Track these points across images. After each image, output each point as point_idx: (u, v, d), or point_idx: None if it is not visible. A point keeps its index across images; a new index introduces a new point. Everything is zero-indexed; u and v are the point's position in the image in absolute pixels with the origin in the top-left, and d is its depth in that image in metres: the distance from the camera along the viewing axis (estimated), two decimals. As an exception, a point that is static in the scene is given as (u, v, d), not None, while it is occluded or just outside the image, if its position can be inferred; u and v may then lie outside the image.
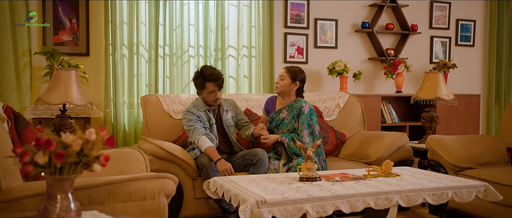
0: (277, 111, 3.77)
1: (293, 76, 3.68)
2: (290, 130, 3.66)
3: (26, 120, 2.36)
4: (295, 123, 3.66)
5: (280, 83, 3.70)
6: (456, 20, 6.16)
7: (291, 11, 5.42)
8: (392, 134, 4.10)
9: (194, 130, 3.60)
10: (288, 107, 3.71)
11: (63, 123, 3.51)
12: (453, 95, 4.59)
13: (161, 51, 4.83)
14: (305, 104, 3.68)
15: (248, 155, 3.63)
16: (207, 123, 3.70)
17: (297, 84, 3.71)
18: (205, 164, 3.44)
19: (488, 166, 3.68)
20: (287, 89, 3.70)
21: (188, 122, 3.65)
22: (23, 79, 4.40)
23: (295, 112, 3.67)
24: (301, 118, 3.63)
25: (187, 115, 3.68)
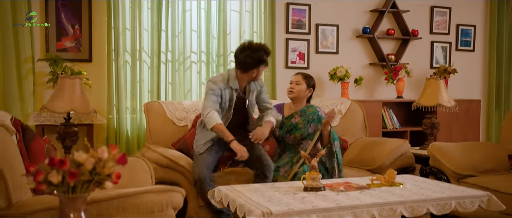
0: (288, 116, 3.78)
1: (309, 83, 3.77)
2: (303, 135, 3.67)
3: (33, 132, 2.38)
4: (310, 128, 3.67)
5: (296, 88, 3.73)
6: (456, 25, 6.19)
7: (293, 17, 5.44)
8: (394, 141, 4.13)
9: (212, 101, 3.41)
10: (301, 113, 3.74)
11: (67, 131, 3.52)
12: (454, 102, 4.62)
13: (164, 57, 4.85)
14: (319, 109, 3.76)
15: (255, 159, 3.49)
16: (227, 103, 3.50)
17: (311, 91, 3.79)
18: (200, 176, 3.32)
19: (489, 173, 3.71)
20: (302, 95, 3.75)
21: (211, 90, 3.44)
22: (25, 86, 4.41)
23: (310, 117, 3.70)
24: (322, 121, 3.67)
25: (211, 85, 3.46)
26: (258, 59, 3.37)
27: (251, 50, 3.37)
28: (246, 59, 3.37)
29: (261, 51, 3.38)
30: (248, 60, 3.37)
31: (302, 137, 3.67)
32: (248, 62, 3.37)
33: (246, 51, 3.38)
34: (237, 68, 3.46)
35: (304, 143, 3.67)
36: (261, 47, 3.40)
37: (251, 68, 3.41)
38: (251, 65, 3.39)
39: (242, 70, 3.44)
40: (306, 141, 3.67)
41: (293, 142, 3.73)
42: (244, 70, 3.43)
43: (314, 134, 3.65)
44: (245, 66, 3.40)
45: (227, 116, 3.51)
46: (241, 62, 3.40)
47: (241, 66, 3.42)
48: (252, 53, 3.36)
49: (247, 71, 3.42)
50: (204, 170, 3.35)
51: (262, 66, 3.44)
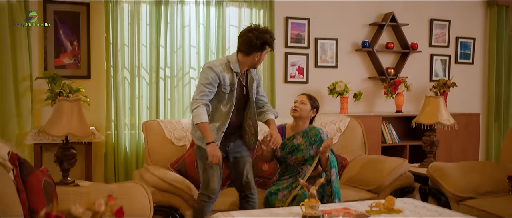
0: (290, 137, 3.76)
1: (313, 104, 3.75)
2: (305, 157, 3.65)
3: (31, 166, 2.37)
4: (312, 149, 3.66)
5: (300, 108, 3.71)
6: (455, 38, 6.18)
7: (292, 31, 5.43)
8: (393, 160, 4.12)
9: (203, 94, 3.20)
10: (303, 134, 3.72)
11: (65, 154, 3.51)
12: (453, 120, 4.61)
13: (162, 73, 4.84)
14: (321, 131, 3.74)
15: (241, 177, 3.44)
16: (228, 88, 3.25)
17: (314, 112, 3.77)
18: (199, 207, 3.34)
19: (489, 195, 3.70)
20: (306, 115, 3.72)
21: (205, 80, 3.21)
22: (23, 104, 4.40)
23: (312, 138, 3.68)
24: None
25: (209, 72, 3.21)
26: (264, 41, 3.20)
27: (258, 31, 3.20)
28: (252, 39, 3.18)
29: (267, 33, 3.23)
30: (254, 41, 3.17)
31: (303, 159, 3.66)
32: (254, 43, 3.18)
33: (252, 32, 3.21)
34: (239, 51, 3.28)
35: (304, 168, 3.65)
36: (267, 30, 3.25)
37: (255, 50, 3.22)
38: (256, 47, 3.20)
39: (245, 53, 3.24)
40: (305, 166, 3.65)
41: (294, 163, 3.71)
42: (247, 52, 3.23)
43: (315, 157, 3.63)
44: (249, 48, 3.21)
45: (230, 103, 3.27)
46: (245, 43, 3.20)
47: (245, 48, 3.22)
48: (259, 33, 3.20)
49: (250, 54, 3.23)
50: (217, 187, 3.32)
51: (266, 51, 3.28)
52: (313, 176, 3.61)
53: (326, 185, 3.48)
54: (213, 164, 3.21)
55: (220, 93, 3.25)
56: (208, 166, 3.27)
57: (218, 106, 3.28)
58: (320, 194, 3.50)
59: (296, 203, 3.37)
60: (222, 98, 3.27)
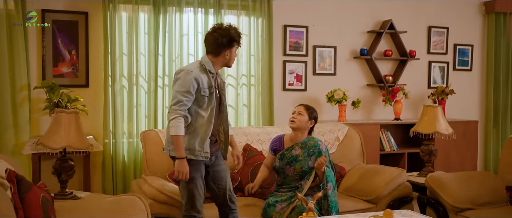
0: (288, 148, 3.75)
1: (311, 115, 3.74)
2: (303, 168, 3.64)
3: (29, 182, 2.36)
4: (310, 161, 3.65)
5: (298, 119, 3.71)
6: (453, 45, 6.19)
7: (290, 39, 5.44)
8: (392, 170, 4.12)
9: (181, 104, 3.07)
10: (301, 144, 3.72)
11: (63, 166, 3.51)
12: (452, 130, 4.61)
13: (161, 82, 4.83)
14: (320, 142, 3.74)
15: (224, 185, 3.34)
16: (207, 90, 3.14)
17: (312, 123, 3.76)
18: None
19: (487, 206, 3.70)
20: (304, 126, 3.71)
21: (182, 88, 3.07)
22: (21, 114, 4.39)
23: (311, 150, 3.68)
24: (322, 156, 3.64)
25: (186, 77, 3.08)
26: (230, 38, 3.15)
27: (222, 29, 3.17)
28: (217, 38, 3.14)
29: (232, 30, 3.18)
30: (220, 39, 3.13)
31: (302, 169, 3.65)
32: (220, 42, 3.13)
33: (217, 31, 3.17)
34: (208, 53, 3.22)
35: (302, 183, 3.64)
36: (231, 27, 3.20)
37: (223, 48, 3.17)
38: (223, 45, 3.15)
39: (214, 54, 3.19)
40: (304, 181, 3.64)
41: (292, 174, 3.70)
42: (216, 52, 3.18)
43: (312, 169, 3.63)
44: (217, 47, 3.16)
45: (211, 106, 3.17)
46: (212, 43, 3.16)
47: (212, 48, 3.18)
48: (223, 31, 3.15)
49: (220, 53, 3.18)
50: (202, 205, 3.25)
51: (234, 47, 3.22)
52: (312, 187, 3.61)
53: (322, 199, 3.48)
54: (178, 180, 3.13)
55: (199, 97, 3.14)
56: (190, 182, 3.15)
57: (198, 112, 3.16)
58: (316, 207, 3.49)
59: (295, 214, 3.37)
60: (202, 102, 3.15)
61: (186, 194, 3.19)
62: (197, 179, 3.19)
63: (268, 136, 4.44)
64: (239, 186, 4.11)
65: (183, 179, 3.10)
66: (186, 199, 3.20)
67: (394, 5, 5.83)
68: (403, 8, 5.88)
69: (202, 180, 3.23)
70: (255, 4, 5.11)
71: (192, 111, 3.14)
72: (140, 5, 4.74)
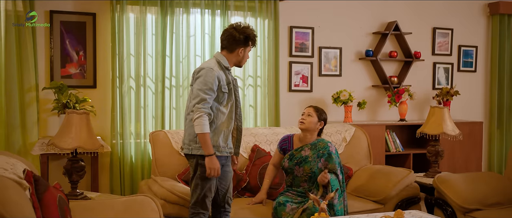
0: (297, 148, 3.76)
1: (320, 116, 3.75)
2: (313, 169, 3.66)
3: (46, 183, 2.38)
4: (320, 163, 3.66)
5: (307, 120, 3.71)
6: (458, 46, 6.21)
7: (296, 40, 5.46)
8: (400, 171, 4.14)
9: (204, 102, 3.09)
10: (311, 146, 3.72)
11: (74, 166, 3.52)
12: (458, 131, 4.64)
13: (168, 83, 4.85)
14: (330, 144, 3.74)
15: (227, 185, 3.38)
16: (226, 87, 3.20)
17: (322, 124, 3.77)
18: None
19: (495, 206, 3.72)
20: (313, 127, 3.72)
21: (205, 86, 3.10)
22: (29, 115, 4.40)
23: (320, 151, 3.68)
24: (332, 158, 3.66)
25: (210, 74, 3.12)
26: (247, 35, 3.22)
27: (238, 27, 3.24)
28: (234, 34, 3.20)
29: (249, 29, 3.25)
30: (237, 35, 3.19)
31: (311, 171, 3.66)
32: (237, 38, 3.19)
33: (234, 28, 3.24)
34: (222, 49, 3.29)
35: (311, 194, 3.59)
36: (250, 27, 3.28)
37: (239, 45, 3.22)
38: (239, 42, 3.21)
39: (229, 50, 3.25)
40: (314, 192, 3.61)
41: (301, 174, 3.71)
42: (231, 49, 3.23)
43: (321, 171, 3.64)
44: (233, 43, 3.21)
45: (231, 102, 3.23)
46: (229, 39, 3.22)
47: (228, 44, 3.23)
48: (241, 29, 3.23)
49: (234, 50, 3.23)
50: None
51: (249, 47, 3.29)
52: (324, 185, 3.60)
53: (328, 208, 3.47)
54: (210, 176, 3.15)
55: (219, 94, 3.18)
56: (207, 181, 3.18)
57: (219, 108, 3.19)
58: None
59: (305, 216, 3.39)
60: (222, 99, 3.20)
61: (199, 192, 3.20)
62: (213, 179, 3.21)
63: (276, 137, 4.46)
64: (248, 187, 4.13)
65: (215, 175, 3.14)
66: (197, 197, 3.21)
67: (399, 6, 5.86)
68: (408, 10, 5.91)
69: (217, 180, 3.26)
70: (262, 6, 5.13)
71: (213, 108, 3.18)
72: (147, 6, 4.76)
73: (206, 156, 3.12)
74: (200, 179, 3.19)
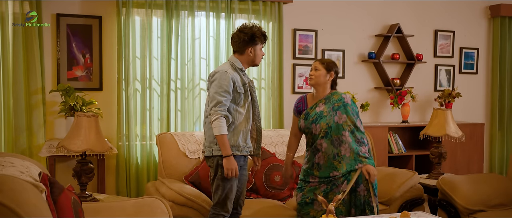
0: (312, 106, 3.54)
1: (328, 67, 3.52)
2: (329, 124, 3.42)
3: (60, 185, 2.42)
4: (336, 116, 3.43)
5: (315, 75, 3.50)
6: (459, 48, 6.27)
7: (300, 43, 5.51)
8: (404, 173, 4.19)
9: (221, 105, 3.18)
10: (325, 100, 3.50)
11: (83, 168, 3.57)
12: (461, 132, 4.69)
13: (173, 85, 4.89)
14: (345, 95, 3.53)
15: (242, 189, 3.42)
16: (242, 88, 3.28)
17: (332, 75, 3.53)
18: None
19: (499, 208, 3.78)
20: (323, 81, 3.50)
21: (220, 88, 3.19)
22: (35, 118, 4.44)
23: (335, 104, 3.46)
24: (347, 109, 3.45)
25: (225, 77, 3.21)
26: (252, 35, 3.29)
27: (245, 28, 3.32)
28: (241, 36, 3.29)
29: (254, 28, 3.33)
30: (243, 37, 3.28)
31: (327, 126, 3.42)
32: (243, 39, 3.29)
33: (240, 31, 3.34)
34: (234, 53, 3.38)
35: (341, 186, 3.43)
36: (255, 25, 3.35)
37: (247, 45, 3.30)
38: (246, 42, 3.29)
39: (239, 52, 3.34)
40: (344, 184, 3.41)
41: (319, 132, 3.46)
42: (241, 50, 3.33)
43: (339, 126, 3.43)
44: (241, 45, 3.31)
45: (247, 102, 3.31)
46: (236, 42, 3.32)
47: (237, 47, 3.33)
48: (246, 29, 3.31)
49: (244, 51, 3.32)
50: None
51: (259, 45, 3.35)
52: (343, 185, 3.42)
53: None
54: (229, 177, 3.20)
55: (235, 95, 3.25)
56: (227, 182, 3.23)
57: (237, 109, 3.27)
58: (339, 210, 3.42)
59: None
60: (239, 100, 3.27)
61: (220, 193, 3.25)
62: (234, 179, 3.27)
63: (280, 139, 4.51)
64: (254, 188, 4.18)
65: (233, 176, 3.19)
66: (218, 198, 3.26)
67: (401, 9, 5.91)
68: (410, 12, 5.96)
69: (235, 181, 3.30)
70: (266, 8, 5.18)
71: (231, 109, 3.25)
72: (153, 9, 4.80)
73: (224, 157, 3.18)
74: (221, 180, 3.24)
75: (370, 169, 3.37)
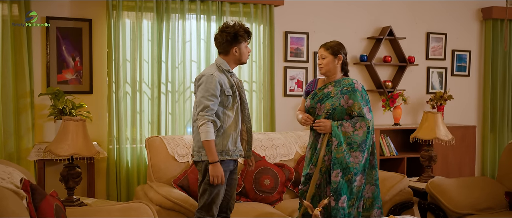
0: (321, 87, 3.50)
1: (334, 51, 3.44)
2: (334, 105, 3.37)
3: (42, 191, 2.41)
4: (342, 99, 3.38)
5: (324, 62, 3.43)
6: (452, 50, 6.27)
7: (291, 45, 5.50)
8: (393, 177, 4.19)
9: (208, 110, 3.12)
10: (335, 83, 3.44)
11: (71, 173, 3.55)
12: (451, 136, 4.69)
13: (164, 88, 4.88)
14: (356, 81, 3.46)
15: (232, 193, 3.38)
16: (230, 90, 3.23)
17: (340, 58, 3.45)
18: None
19: (487, 211, 3.78)
20: (332, 67, 3.43)
21: (207, 92, 3.13)
22: (23, 121, 4.42)
23: (344, 88, 3.40)
24: (356, 95, 3.38)
25: (211, 80, 3.15)
26: (235, 34, 3.22)
27: (227, 27, 3.25)
28: (223, 37, 3.23)
29: (237, 26, 3.26)
30: (225, 37, 3.22)
31: (332, 107, 3.38)
32: (226, 39, 3.22)
33: (222, 31, 3.26)
34: (219, 54, 3.32)
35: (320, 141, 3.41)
36: (237, 23, 3.28)
37: (231, 45, 3.24)
38: (229, 42, 3.23)
39: (224, 53, 3.28)
40: (321, 139, 3.41)
41: (323, 112, 3.42)
42: (226, 51, 3.27)
43: (344, 110, 3.39)
44: (225, 45, 3.25)
45: (236, 104, 3.25)
46: (220, 43, 3.26)
47: (222, 48, 3.27)
48: (228, 28, 3.24)
49: (229, 51, 3.26)
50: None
51: (243, 43, 3.29)
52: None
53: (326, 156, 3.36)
54: (215, 184, 3.16)
55: (223, 98, 3.20)
56: (215, 187, 3.20)
57: (225, 112, 3.22)
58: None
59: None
60: (227, 102, 3.23)
61: (207, 197, 3.21)
62: (221, 185, 3.23)
63: (271, 142, 4.51)
64: (243, 191, 4.17)
65: (218, 183, 3.14)
66: (204, 202, 3.22)
67: (394, 11, 5.91)
68: (402, 15, 5.96)
69: (225, 185, 3.27)
70: (257, 11, 5.17)
71: (220, 112, 3.20)
72: (143, 12, 4.79)
73: (210, 163, 3.14)
74: (208, 184, 3.20)
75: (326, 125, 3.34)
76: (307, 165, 3.50)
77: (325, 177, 3.39)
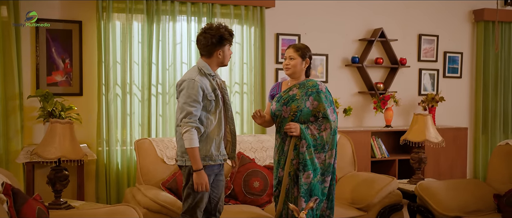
0: (285, 90, 3.51)
1: (303, 54, 3.46)
2: (300, 107, 3.38)
3: (24, 195, 2.40)
4: (308, 101, 3.40)
5: (291, 64, 3.44)
6: (443, 52, 6.28)
7: (282, 47, 5.50)
8: (383, 179, 4.18)
9: (191, 116, 3.06)
10: (299, 85, 3.45)
11: (58, 176, 3.54)
12: (441, 138, 4.69)
13: (154, 90, 4.87)
14: (319, 83, 3.48)
15: (220, 195, 3.35)
16: (212, 94, 3.16)
17: (307, 62, 3.49)
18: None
19: (475, 213, 3.78)
20: (299, 69, 3.46)
21: (189, 98, 3.06)
22: (12, 124, 4.40)
23: (309, 89, 3.42)
24: (321, 96, 3.40)
25: (193, 85, 3.08)
26: (220, 37, 3.15)
27: (212, 29, 3.17)
28: (208, 38, 3.14)
29: (222, 28, 3.18)
30: (210, 40, 3.14)
31: (298, 109, 3.39)
32: (211, 42, 3.14)
33: (206, 32, 3.18)
34: (202, 56, 3.24)
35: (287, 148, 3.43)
36: (221, 25, 3.20)
37: (215, 48, 3.17)
38: (214, 45, 3.16)
39: (207, 55, 3.20)
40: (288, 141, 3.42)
41: (288, 115, 3.42)
42: (209, 54, 3.19)
43: (309, 112, 3.40)
44: (209, 48, 3.17)
45: (218, 108, 3.19)
46: (203, 45, 3.18)
47: (205, 50, 3.19)
48: (213, 31, 3.16)
49: (212, 54, 3.19)
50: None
51: (227, 46, 3.22)
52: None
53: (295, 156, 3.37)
54: (199, 191, 3.12)
55: (206, 103, 3.14)
56: (198, 192, 3.16)
57: (208, 117, 3.16)
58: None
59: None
60: (210, 107, 3.16)
61: (190, 201, 3.17)
62: (206, 191, 3.19)
63: (261, 144, 4.50)
64: (232, 194, 4.16)
65: (202, 190, 3.11)
66: (188, 206, 3.19)
67: (385, 13, 5.92)
68: (394, 17, 5.97)
69: (208, 192, 3.24)
70: (248, 13, 5.17)
71: (203, 117, 3.14)
72: (133, 14, 4.78)
73: (194, 171, 3.10)
74: (191, 189, 3.16)
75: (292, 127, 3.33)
76: (276, 169, 3.51)
77: (293, 178, 3.40)
